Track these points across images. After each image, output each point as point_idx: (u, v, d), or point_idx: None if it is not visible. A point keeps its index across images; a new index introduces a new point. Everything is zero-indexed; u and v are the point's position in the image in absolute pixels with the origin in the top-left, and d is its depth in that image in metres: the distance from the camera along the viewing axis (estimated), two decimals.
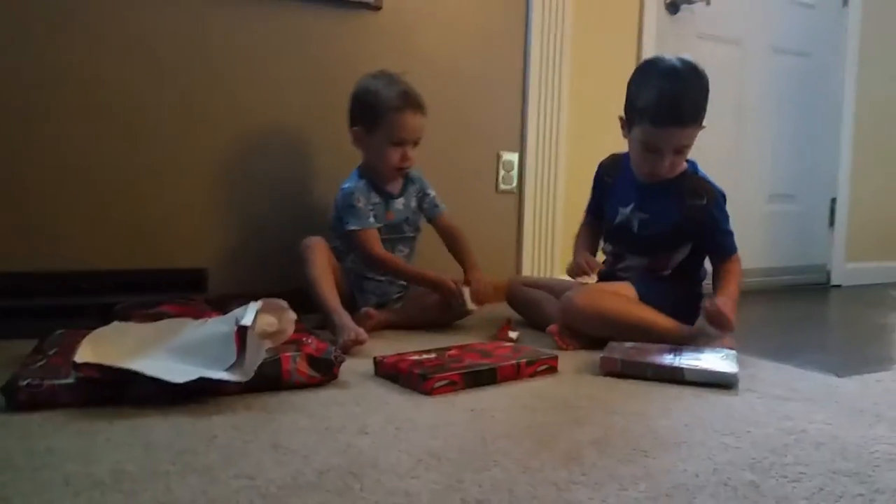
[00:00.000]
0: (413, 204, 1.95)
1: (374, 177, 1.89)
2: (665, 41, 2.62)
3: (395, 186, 1.93)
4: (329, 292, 1.71)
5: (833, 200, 3.21)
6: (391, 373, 1.36)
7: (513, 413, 1.15)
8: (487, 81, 2.34)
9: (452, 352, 1.48)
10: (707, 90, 1.65)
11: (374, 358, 1.41)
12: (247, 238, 1.97)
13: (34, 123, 1.72)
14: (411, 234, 1.96)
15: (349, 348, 1.54)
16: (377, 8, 2.11)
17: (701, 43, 2.77)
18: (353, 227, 1.82)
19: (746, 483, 0.88)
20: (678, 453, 0.98)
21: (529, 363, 1.42)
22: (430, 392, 1.26)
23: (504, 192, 2.40)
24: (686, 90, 1.63)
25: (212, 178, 1.93)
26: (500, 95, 2.37)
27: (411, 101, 1.81)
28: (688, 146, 1.66)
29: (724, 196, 1.72)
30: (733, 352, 1.47)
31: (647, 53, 2.53)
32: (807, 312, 2.59)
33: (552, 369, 1.45)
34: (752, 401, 1.25)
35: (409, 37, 2.18)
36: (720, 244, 1.70)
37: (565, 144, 2.46)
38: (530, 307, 1.94)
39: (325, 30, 2.05)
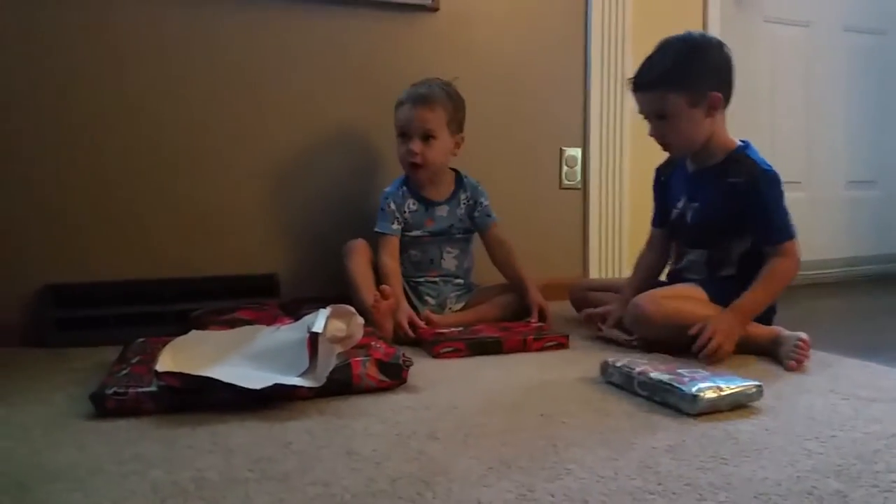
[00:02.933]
0: (461, 211, 1.93)
1: (413, 182, 1.91)
2: (731, 28, 2.53)
3: (438, 192, 1.92)
4: (366, 291, 1.70)
5: None
6: (420, 339, 1.62)
7: (584, 418, 1.14)
8: (548, 77, 2.31)
9: (478, 326, 1.69)
10: (693, 57, 1.57)
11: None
12: (315, 242, 2.01)
13: (111, 141, 1.81)
14: (461, 236, 1.94)
15: (377, 307, 1.61)
16: (434, 9, 2.12)
17: (768, 27, 2.68)
18: (376, 229, 1.87)
19: (833, 492, 0.84)
20: (759, 460, 0.95)
21: (537, 338, 1.59)
22: (437, 356, 1.52)
23: (568, 187, 2.37)
24: (653, 55, 1.60)
25: (277, 183, 1.98)
26: (560, 90, 2.34)
27: (414, 96, 1.84)
28: (662, 111, 1.58)
29: (771, 174, 1.58)
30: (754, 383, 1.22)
31: None
32: (892, 305, 2.47)
33: (561, 346, 1.60)
34: (835, 402, 1.20)
35: (468, 36, 2.18)
36: (764, 225, 1.57)
37: (629, 139, 2.40)
38: None
39: (384, 32, 2.07)
